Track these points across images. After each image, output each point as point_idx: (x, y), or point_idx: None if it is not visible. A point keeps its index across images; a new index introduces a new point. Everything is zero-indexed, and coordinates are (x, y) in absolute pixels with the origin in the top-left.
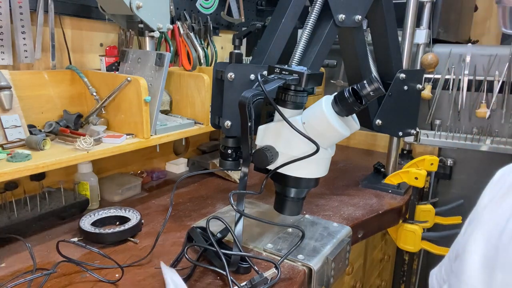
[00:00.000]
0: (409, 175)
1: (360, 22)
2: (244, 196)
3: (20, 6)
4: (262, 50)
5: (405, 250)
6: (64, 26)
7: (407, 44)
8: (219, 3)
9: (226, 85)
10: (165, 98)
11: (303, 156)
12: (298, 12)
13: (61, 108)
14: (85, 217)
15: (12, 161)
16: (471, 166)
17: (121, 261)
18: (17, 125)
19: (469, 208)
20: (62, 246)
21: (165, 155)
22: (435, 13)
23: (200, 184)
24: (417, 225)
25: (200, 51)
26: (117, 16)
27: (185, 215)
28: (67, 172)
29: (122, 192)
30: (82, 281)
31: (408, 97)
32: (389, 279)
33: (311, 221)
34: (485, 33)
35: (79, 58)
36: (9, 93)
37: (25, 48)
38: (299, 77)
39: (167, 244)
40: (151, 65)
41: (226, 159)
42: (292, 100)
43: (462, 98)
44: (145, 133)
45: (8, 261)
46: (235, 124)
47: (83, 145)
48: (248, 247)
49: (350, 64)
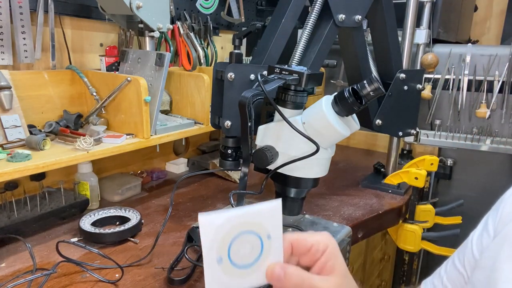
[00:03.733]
0: (409, 175)
1: (360, 22)
2: (244, 196)
3: (20, 6)
4: (262, 50)
5: (405, 250)
6: (64, 26)
7: (407, 44)
8: (219, 3)
9: (226, 85)
10: (165, 98)
11: (303, 156)
12: (298, 12)
13: (61, 108)
14: (85, 217)
15: (12, 161)
16: (471, 166)
17: (121, 261)
18: (17, 125)
19: (469, 208)
20: (62, 246)
21: (165, 155)
22: (435, 13)
23: (200, 184)
24: (417, 225)
25: (200, 51)
26: (117, 16)
27: (185, 215)
28: (67, 172)
29: (122, 192)
30: (82, 281)
31: (408, 97)
32: (389, 279)
33: (311, 221)
34: (485, 33)
35: (79, 58)
36: (9, 93)
37: (25, 48)
38: (299, 77)
39: (167, 244)
40: (151, 65)
41: (226, 159)
42: (292, 100)
43: (462, 98)
44: (145, 133)
45: (8, 261)
46: (235, 124)
47: (83, 145)
48: None
49: (350, 64)
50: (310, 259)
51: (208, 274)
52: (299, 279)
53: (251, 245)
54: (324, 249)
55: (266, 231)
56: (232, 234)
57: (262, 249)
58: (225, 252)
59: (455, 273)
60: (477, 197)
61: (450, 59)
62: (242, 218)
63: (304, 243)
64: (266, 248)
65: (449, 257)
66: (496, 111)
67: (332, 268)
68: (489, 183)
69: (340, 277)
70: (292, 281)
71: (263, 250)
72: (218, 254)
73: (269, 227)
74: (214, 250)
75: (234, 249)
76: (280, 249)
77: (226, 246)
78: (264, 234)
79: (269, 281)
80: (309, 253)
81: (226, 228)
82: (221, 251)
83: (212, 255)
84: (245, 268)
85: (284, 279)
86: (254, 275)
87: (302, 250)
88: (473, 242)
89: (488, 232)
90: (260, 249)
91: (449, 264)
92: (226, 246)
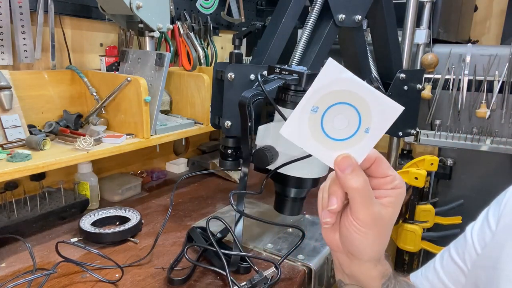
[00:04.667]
0: (409, 175)
1: (360, 22)
2: (244, 196)
3: (20, 6)
4: (262, 50)
5: (405, 250)
6: (64, 26)
7: (407, 44)
8: (219, 3)
9: (226, 85)
10: (165, 98)
11: (303, 156)
12: (298, 12)
13: (61, 108)
14: (85, 217)
15: (12, 161)
16: (471, 166)
17: (121, 261)
18: (17, 125)
19: (469, 208)
20: (62, 246)
21: (165, 155)
22: (435, 13)
23: (200, 184)
24: (417, 225)
25: (200, 51)
26: (117, 16)
27: (185, 215)
28: (67, 172)
29: (122, 192)
30: (82, 281)
31: (408, 97)
32: None
33: (311, 221)
34: (485, 33)
35: (79, 58)
36: (9, 93)
37: (25, 48)
38: (299, 77)
39: (167, 244)
40: (151, 65)
41: (226, 159)
42: (292, 100)
43: (462, 98)
44: (145, 133)
45: (8, 261)
46: (235, 124)
47: (83, 145)
48: (248, 247)
49: (350, 64)
50: (378, 186)
51: (296, 114)
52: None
53: (348, 123)
54: (398, 187)
55: (369, 123)
56: (343, 97)
57: (352, 136)
58: (323, 107)
59: (453, 267)
60: (477, 197)
61: (450, 59)
62: (362, 92)
63: (385, 168)
64: (357, 137)
65: (442, 251)
66: (496, 111)
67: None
68: (489, 183)
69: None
70: (354, 183)
71: (353, 137)
72: (318, 104)
73: (376, 122)
74: (318, 96)
75: (331, 112)
76: (366, 150)
77: (330, 103)
78: (366, 124)
79: (335, 165)
80: (382, 180)
81: (343, 85)
82: (322, 104)
83: (313, 99)
84: (326, 137)
85: (348, 175)
86: (328, 150)
87: (379, 172)
88: (473, 237)
89: (489, 226)
90: (351, 134)
91: (445, 258)
92: (329, 103)
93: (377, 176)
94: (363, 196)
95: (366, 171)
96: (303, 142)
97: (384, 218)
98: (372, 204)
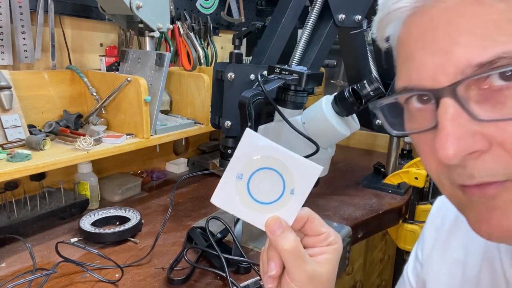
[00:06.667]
0: (409, 175)
1: (360, 22)
2: None
3: (20, 6)
4: (262, 50)
5: (405, 250)
6: (64, 26)
7: None
8: (219, 3)
9: (226, 85)
10: (165, 98)
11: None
12: (298, 12)
13: (61, 108)
14: (85, 217)
15: (12, 161)
16: None
17: (121, 261)
18: (17, 125)
19: None
20: (62, 246)
21: (165, 155)
22: None
23: (200, 184)
24: (417, 225)
25: (200, 51)
26: (117, 16)
27: (185, 215)
28: (67, 172)
29: (122, 192)
30: (82, 281)
31: None
32: (389, 279)
33: None
34: None
35: (79, 58)
36: (9, 93)
37: (25, 48)
38: (299, 77)
39: (167, 244)
40: (151, 65)
41: (226, 159)
42: (292, 100)
43: None
44: (145, 133)
45: (8, 261)
46: (235, 124)
47: (83, 145)
48: (248, 247)
49: (350, 64)
50: (313, 244)
51: (223, 183)
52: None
53: (272, 187)
54: (333, 243)
55: (293, 185)
56: (264, 163)
57: (279, 198)
58: (247, 174)
59: None
60: None
61: None
62: (281, 156)
63: (319, 226)
64: (284, 200)
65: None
66: None
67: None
68: None
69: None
70: (284, 244)
71: (280, 199)
72: (242, 171)
73: (298, 183)
74: (240, 164)
75: (256, 178)
76: (295, 211)
77: (252, 170)
78: (290, 186)
79: (265, 227)
80: (316, 238)
81: (262, 152)
82: (246, 170)
83: (236, 167)
84: (254, 201)
85: (278, 237)
86: (258, 214)
87: (313, 230)
88: (409, 274)
89: (418, 259)
90: (277, 197)
91: None
92: (251, 170)
93: (312, 235)
94: (295, 256)
95: (300, 230)
96: (233, 209)
97: (322, 276)
98: (305, 263)
